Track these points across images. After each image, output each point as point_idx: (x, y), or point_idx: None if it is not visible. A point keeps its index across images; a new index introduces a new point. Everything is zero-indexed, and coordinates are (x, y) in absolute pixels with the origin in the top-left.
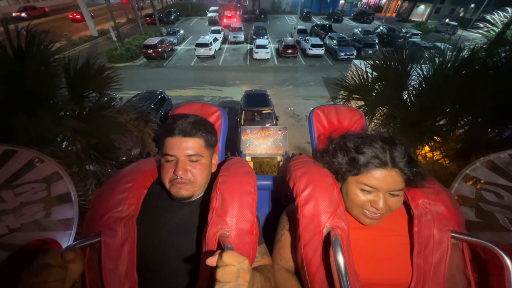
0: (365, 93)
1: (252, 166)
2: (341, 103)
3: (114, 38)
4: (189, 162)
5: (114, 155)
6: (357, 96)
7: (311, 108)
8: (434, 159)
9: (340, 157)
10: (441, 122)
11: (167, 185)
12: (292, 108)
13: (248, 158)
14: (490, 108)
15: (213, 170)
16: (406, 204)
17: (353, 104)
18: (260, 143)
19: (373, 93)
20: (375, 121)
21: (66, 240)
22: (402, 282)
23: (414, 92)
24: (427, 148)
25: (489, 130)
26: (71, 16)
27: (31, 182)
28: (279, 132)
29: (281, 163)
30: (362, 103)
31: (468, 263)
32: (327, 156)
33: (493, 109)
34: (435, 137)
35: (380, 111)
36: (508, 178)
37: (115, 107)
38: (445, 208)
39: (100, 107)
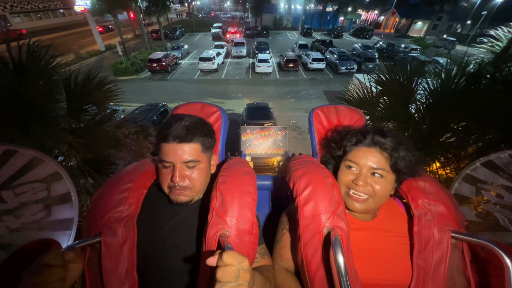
0: (369, 107)
1: (252, 166)
2: None
3: (120, 52)
4: (186, 168)
5: (111, 171)
6: (362, 111)
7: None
8: (445, 176)
9: (334, 141)
10: (452, 139)
11: (166, 190)
12: (294, 121)
13: (248, 158)
14: (502, 123)
15: (212, 171)
16: (406, 204)
17: None
18: (260, 143)
19: (378, 108)
20: None
21: (66, 240)
22: (402, 282)
23: (422, 107)
24: (437, 164)
25: (502, 145)
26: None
27: (31, 182)
28: (279, 132)
29: (281, 163)
30: (367, 117)
31: (468, 263)
32: (325, 142)
33: (506, 124)
34: (446, 154)
35: (386, 126)
36: (508, 178)
37: (113, 121)
38: (445, 208)
39: (98, 122)
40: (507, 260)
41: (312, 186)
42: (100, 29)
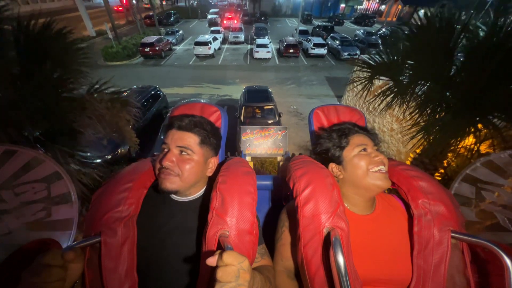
0: (395, 70)
1: (252, 166)
2: (360, 87)
3: (110, 36)
4: (178, 154)
5: (75, 142)
6: (383, 78)
7: (315, 108)
8: (482, 151)
9: (333, 136)
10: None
11: (157, 172)
12: (295, 107)
13: (248, 158)
14: None
15: (209, 174)
16: (406, 204)
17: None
18: (260, 143)
19: (405, 70)
20: (406, 106)
21: (66, 240)
22: (401, 281)
23: (464, 65)
24: (471, 139)
25: None
26: (115, 8)
27: (31, 182)
28: (279, 132)
29: (281, 163)
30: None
31: (468, 263)
32: (322, 140)
33: None
34: (498, 115)
35: (415, 92)
36: (508, 178)
37: (78, 86)
38: (445, 208)
39: (59, 84)
40: (507, 260)
41: (312, 186)
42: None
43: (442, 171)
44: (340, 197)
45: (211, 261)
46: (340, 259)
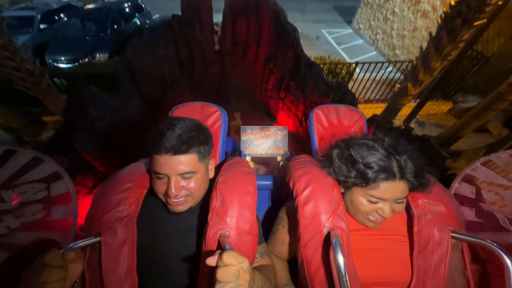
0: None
1: (252, 166)
2: None
3: None
4: (182, 179)
5: None
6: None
7: (323, 31)
8: None
9: (346, 169)
10: None
11: (162, 198)
12: (300, 30)
13: (248, 158)
14: None
15: (211, 176)
16: (406, 204)
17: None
18: (260, 143)
19: None
20: None
21: (66, 240)
22: (401, 281)
23: None
24: None
25: None
26: None
27: (31, 182)
28: (279, 132)
29: (281, 163)
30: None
31: (468, 263)
32: (330, 165)
33: None
34: None
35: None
36: (508, 178)
37: None
38: (445, 208)
39: None
40: (507, 260)
41: (312, 186)
42: None
43: None
44: (340, 197)
45: (211, 261)
46: (340, 259)
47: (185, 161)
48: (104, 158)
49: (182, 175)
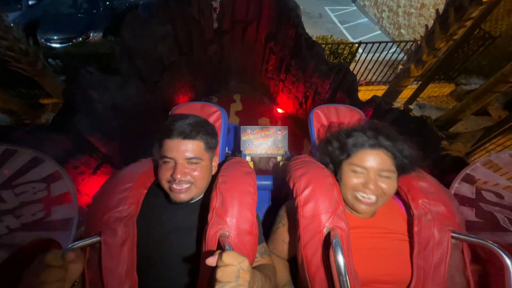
0: None
1: (252, 166)
2: None
3: None
4: (188, 165)
5: None
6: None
7: (326, 8)
8: None
9: (334, 143)
10: None
11: (165, 186)
12: (302, 7)
13: (248, 158)
14: None
15: (213, 172)
16: (406, 204)
17: None
18: (260, 143)
19: None
20: None
21: (66, 240)
22: (401, 281)
23: None
24: None
25: None
26: None
27: (31, 182)
28: (279, 132)
29: (281, 163)
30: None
31: (468, 263)
32: (323, 144)
33: None
34: None
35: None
36: (508, 178)
37: None
38: (445, 208)
39: None
40: (507, 260)
41: (312, 186)
42: None
43: None
44: (340, 197)
45: (211, 261)
46: (340, 259)
47: (192, 147)
48: (105, 140)
49: (189, 159)
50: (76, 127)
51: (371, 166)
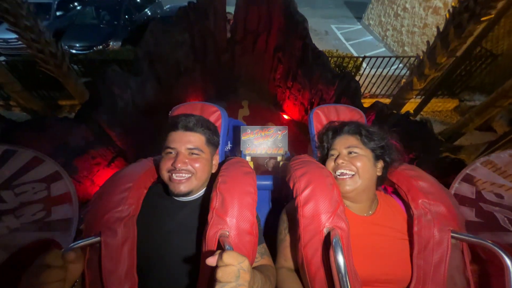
0: None
1: (252, 166)
2: None
3: None
4: (189, 156)
5: None
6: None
7: (332, 26)
8: None
9: (322, 139)
10: None
11: (166, 176)
12: (310, 25)
13: (248, 158)
14: None
15: (214, 170)
16: (406, 204)
17: None
18: (260, 143)
19: None
20: None
21: (66, 240)
22: (401, 281)
23: None
24: None
25: None
26: None
27: (31, 182)
28: (279, 132)
29: (281, 163)
30: None
31: (468, 263)
32: (321, 142)
33: None
34: None
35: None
36: (508, 178)
37: None
38: (445, 208)
39: None
40: (507, 260)
41: (312, 186)
42: None
43: None
44: (340, 197)
45: (211, 261)
46: (340, 259)
47: (194, 139)
48: (122, 134)
49: (190, 150)
50: (97, 120)
51: (340, 147)
